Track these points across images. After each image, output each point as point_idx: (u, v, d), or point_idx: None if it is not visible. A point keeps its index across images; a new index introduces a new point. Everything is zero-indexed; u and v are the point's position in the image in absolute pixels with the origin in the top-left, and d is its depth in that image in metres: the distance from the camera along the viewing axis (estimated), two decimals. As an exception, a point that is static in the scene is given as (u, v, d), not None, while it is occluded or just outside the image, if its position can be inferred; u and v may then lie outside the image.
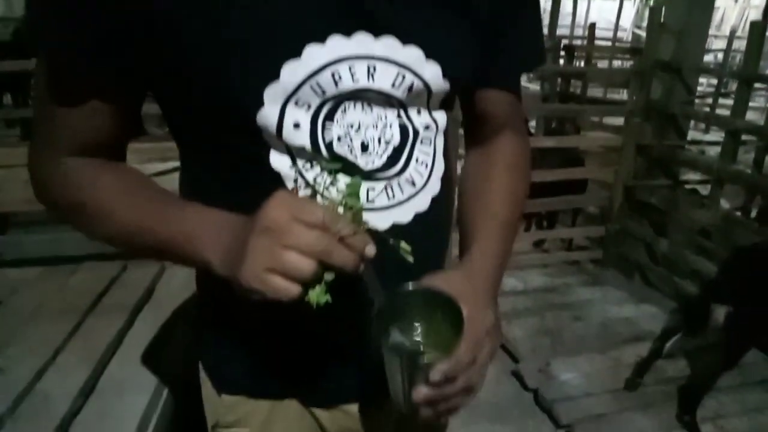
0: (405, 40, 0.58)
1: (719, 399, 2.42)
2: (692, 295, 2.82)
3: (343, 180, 0.60)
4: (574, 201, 3.74)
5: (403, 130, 0.64)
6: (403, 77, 0.60)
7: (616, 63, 7.72)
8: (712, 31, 12.83)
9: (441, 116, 0.68)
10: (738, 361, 2.26)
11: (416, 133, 0.65)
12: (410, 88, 0.61)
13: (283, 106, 0.56)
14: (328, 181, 0.60)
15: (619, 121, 3.94)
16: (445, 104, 0.68)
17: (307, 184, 0.61)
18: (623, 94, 8.44)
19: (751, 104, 4.55)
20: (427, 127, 0.66)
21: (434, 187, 0.69)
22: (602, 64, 7.51)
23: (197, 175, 0.67)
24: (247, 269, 0.50)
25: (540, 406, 2.41)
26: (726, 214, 3.16)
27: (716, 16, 14.17)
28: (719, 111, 5.95)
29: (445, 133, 0.71)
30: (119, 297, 2.13)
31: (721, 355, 2.27)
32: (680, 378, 2.49)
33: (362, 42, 0.57)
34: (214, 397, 0.76)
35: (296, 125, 0.57)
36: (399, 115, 0.63)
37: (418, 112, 0.65)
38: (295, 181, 0.61)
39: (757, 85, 3.31)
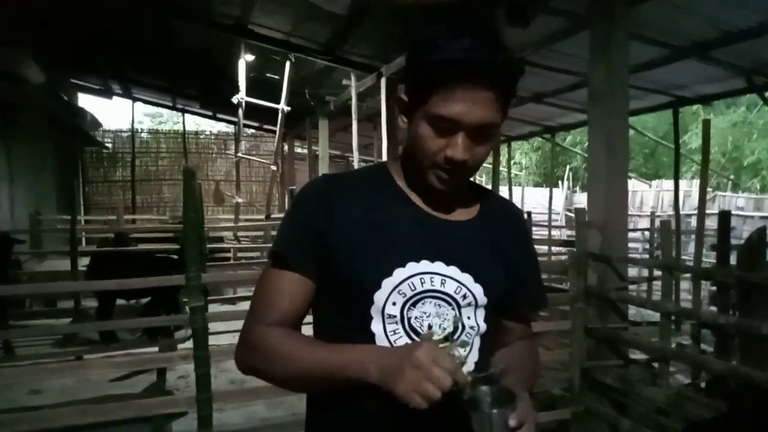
0: (463, 269, 1.07)
1: None
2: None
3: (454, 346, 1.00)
4: (537, 384, 3.86)
5: (455, 325, 1.06)
6: (461, 288, 1.06)
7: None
8: (634, 212, 14.15)
9: (483, 325, 1.09)
10: None
11: (463, 328, 1.07)
12: (464, 296, 1.06)
13: (390, 292, 1.02)
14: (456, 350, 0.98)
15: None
16: (487, 319, 1.10)
17: (390, 343, 1.04)
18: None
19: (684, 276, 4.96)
20: (471, 328, 1.08)
21: (469, 365, 1.04)
22: (542, 248, 8.19)
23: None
24: (403, 388, 0.89)
25: None
26: (676, 390, 3.36)
27: (636, 199, 15.68)
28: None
29: (483, 336, 1.10)
30: None
31: None
32: None
33: (439, 266, 1.06)
34: None
35: (394, 303, 1.03)
36: (456, 315, 1.06)
37: (468, 317, 1.07)
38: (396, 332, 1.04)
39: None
